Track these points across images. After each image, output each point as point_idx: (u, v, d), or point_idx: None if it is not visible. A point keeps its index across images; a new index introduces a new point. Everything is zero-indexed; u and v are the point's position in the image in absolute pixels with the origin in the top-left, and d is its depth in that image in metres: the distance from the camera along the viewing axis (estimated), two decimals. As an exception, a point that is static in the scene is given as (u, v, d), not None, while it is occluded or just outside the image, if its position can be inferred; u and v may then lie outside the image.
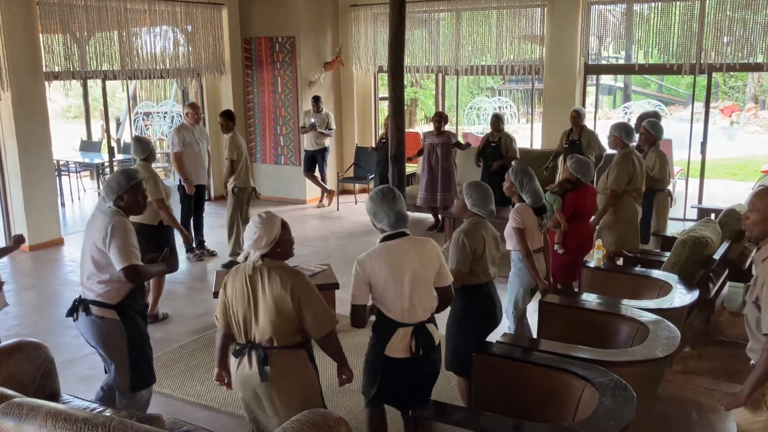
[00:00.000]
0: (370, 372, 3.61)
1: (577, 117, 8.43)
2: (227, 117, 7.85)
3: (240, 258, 3.27)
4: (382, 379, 3.54)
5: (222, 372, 3.46)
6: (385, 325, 3.49)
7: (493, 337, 4.41)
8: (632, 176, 6.14)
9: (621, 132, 6.33)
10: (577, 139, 8.43)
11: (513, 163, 8.32)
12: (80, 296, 3.92)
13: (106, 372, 4.12)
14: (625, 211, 6.21)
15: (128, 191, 3.87)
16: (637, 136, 7.00)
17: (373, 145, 10.33)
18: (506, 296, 4.94)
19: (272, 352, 3.16)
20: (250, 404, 3.34)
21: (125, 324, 3.84)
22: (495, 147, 8.77)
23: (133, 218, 6.10)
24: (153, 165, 6.28)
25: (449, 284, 3.63)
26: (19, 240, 4.51)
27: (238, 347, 3.28)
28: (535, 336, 4.89)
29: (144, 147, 6.11)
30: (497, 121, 8.83)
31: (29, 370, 3.45)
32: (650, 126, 6.82)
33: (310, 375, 3.29)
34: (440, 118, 9.07)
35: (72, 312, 3.93)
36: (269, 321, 3.14)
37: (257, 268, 3.17)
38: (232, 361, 3.31)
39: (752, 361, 3.08)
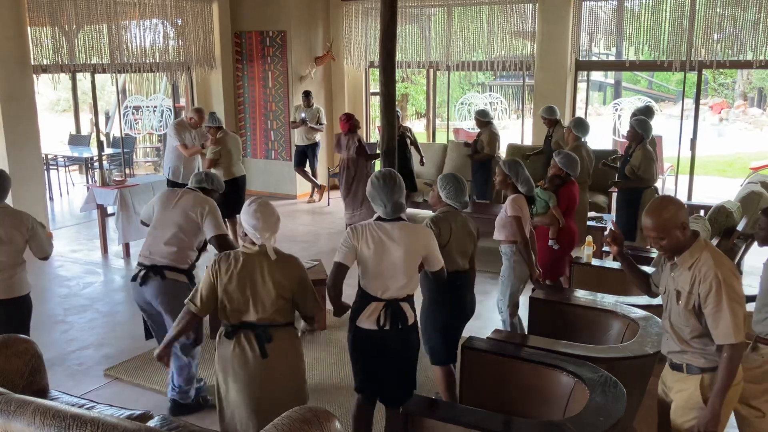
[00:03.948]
0: (349, 344, 3.76)
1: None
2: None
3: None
4: (357, 351, 3.68)
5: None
6: (361, 298, 3.62)
7: (481, 332, 4.44)
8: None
9: (572, 125, 7.05)
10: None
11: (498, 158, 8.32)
12: (150, 264, 4.37)
13: (150, 336, 4.71)
14: None
15: (212, 191, 4.64)
16: (623, 132, 7.21)
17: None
18: (499, 291, 4.95)
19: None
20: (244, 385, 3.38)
21: (191, 286, 4.32)
22: (475, 142, 8.83)
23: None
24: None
25: (439, 268, 3.78)
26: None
27: (231, 329, 3.36)
28: (526, 332, 4.92)
29: (218, 119, 8.00)
30: (477, 121, 8.84)
31: (17, 366, 3.42)
32: (637, 124, 6.87)
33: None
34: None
35: (136, 278, 4.40)
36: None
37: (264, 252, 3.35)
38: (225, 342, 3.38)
39: (672, 361, 3.15)
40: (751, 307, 3.33)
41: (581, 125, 7.17)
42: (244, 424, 3.38)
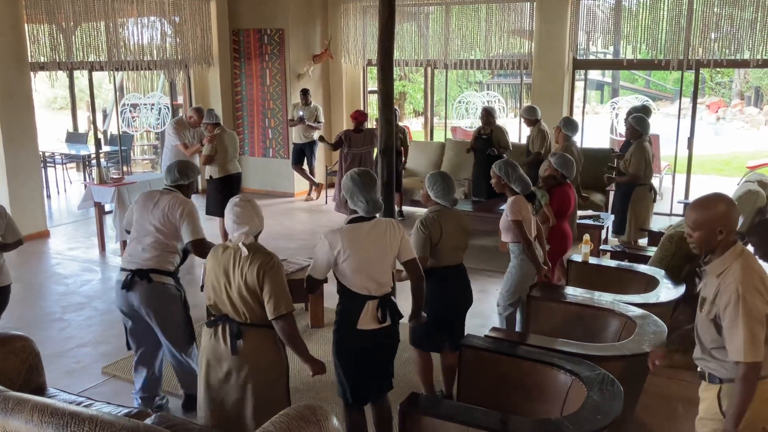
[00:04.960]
0: (341, 353, 3.64)
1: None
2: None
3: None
4: (355, 356, 3.60)
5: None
6: (352, 301, 3.56)
7: (480, 330, 4.44)
8: None
9: (561, 125, 7.14)
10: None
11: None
12: (135, 268, 4.22)
13: (130, 348, 4.46)
14: None
15: (191, 184, 4.51)
16: (622, 130, 7.20)
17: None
18: (502, 286, 4.96)
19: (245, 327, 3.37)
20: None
21: (178, 287, 4.35)
22: (486, 139, 8.54)
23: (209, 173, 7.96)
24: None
25: (413, 258, 3.71)
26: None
27: (212, 318, 3.45)
28: (519, 330, 4.93)
29: (216, 116, 7.99)
30: (487, 115, 8.57)
31: (15, 363, 3.43)
32: (635, 121, 6.92)
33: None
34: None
35: (125, 284, 4.26)
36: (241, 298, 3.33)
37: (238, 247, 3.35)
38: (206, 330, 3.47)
39: (699, 368, 3.05)
40: None
41: (570, 124, 7.20)
42: (204, 414, 3.46)
